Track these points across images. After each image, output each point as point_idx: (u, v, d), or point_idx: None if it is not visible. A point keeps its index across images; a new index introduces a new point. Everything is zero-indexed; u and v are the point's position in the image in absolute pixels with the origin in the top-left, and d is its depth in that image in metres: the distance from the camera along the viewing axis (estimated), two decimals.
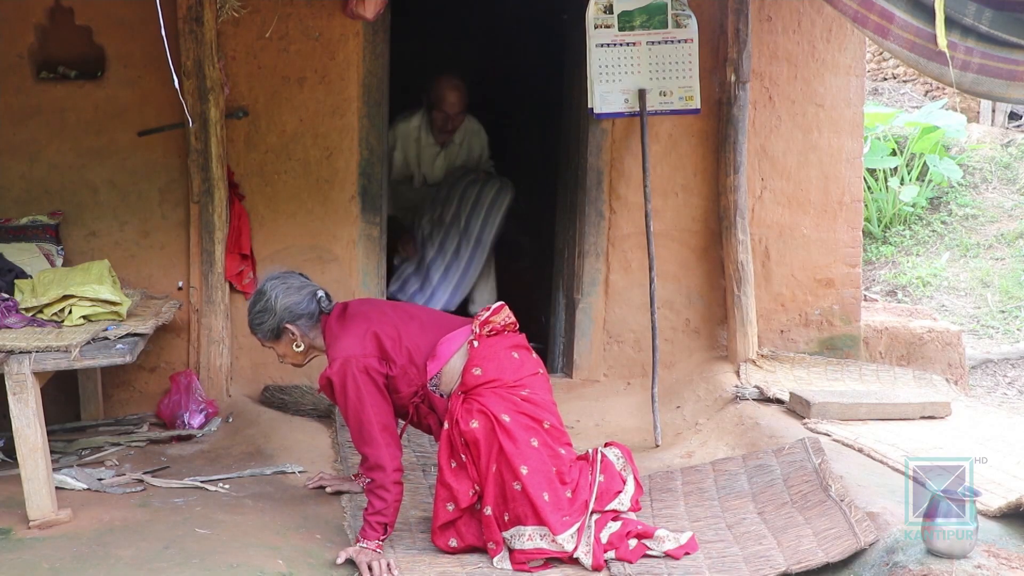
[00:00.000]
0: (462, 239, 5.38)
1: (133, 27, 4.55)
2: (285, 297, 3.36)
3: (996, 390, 6.35)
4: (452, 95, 5.47)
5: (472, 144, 5.71)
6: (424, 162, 5.66)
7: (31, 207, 4.56)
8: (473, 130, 5.72)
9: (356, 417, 3.25)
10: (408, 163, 5.66)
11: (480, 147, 5.74)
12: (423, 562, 3.22)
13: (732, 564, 3.18)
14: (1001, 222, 8.08)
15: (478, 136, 5.72)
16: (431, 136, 5.60)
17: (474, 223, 5.38)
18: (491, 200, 5.41)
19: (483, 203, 5.40)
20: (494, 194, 5.43)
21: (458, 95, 5.46)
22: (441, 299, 5.32)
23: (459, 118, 5.54)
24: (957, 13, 2.89)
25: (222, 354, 4.69)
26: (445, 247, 5.40)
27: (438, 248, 5.41)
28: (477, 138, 5.71)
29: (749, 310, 4.97)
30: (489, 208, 5.39)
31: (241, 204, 4.73)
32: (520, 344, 3.47)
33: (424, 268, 5.41)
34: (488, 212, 5.39)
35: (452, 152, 5.68)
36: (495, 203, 5.41)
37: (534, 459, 3.23)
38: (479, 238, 5.37)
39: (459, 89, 5.47)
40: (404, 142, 5.59)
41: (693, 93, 4.74)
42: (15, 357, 3.28)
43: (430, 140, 5.61)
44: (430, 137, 5.61)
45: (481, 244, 5.39)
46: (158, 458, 4.03)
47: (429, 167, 5.68)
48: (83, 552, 3.04)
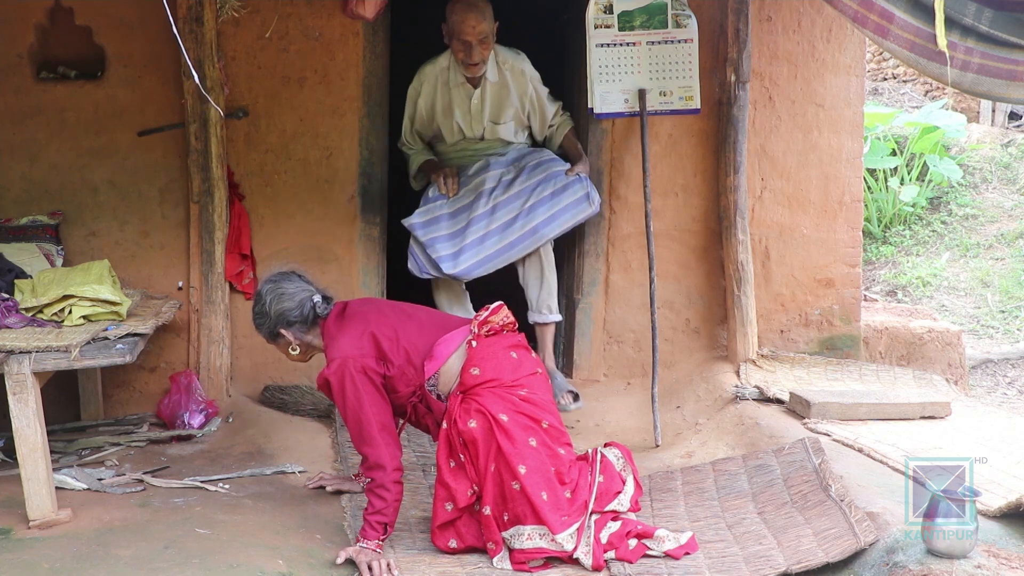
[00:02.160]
0: (518, 217, 4.61)
1: (133, 27, 4.55)
2: (278, 303, 3.38)
3: (996, 390, 6.35)
4: (470, 17, 4.51)
5: (517, 83, 4.72)
6: (458, 108, 4.73)
7: (31, 207, 4.56)
8: (513, 65, 4.72)
9: (355, 417, 3.25)
10: (436, 112, 4.76)
11: (530, 86, 4.76)
12: (423, 562, 3.22)
13: (732, 564, 3.18)
14: (1001, 222, 8.08)
15: (522, 73, 4.72)
16: (460, 74, 4.68)
17: (540, 212, 4.61)
18: (569, 203, 4.65)
19: (560, 201, 4.64)
20: (575, 200, 4.66)
21: (477, 16, 4.52)
22: (464, 264, 4.57)
23: (484, 46, 4.57)
24: (957, 13, 2.89)
25: (222, 354, 4.69)
26: (496, 214, 4.62)
27: (490, 210, 4.62)
28: (521, 75, 4.72)
29: (749, 310, 4.97)
30: (563, 210, 4.64)
31: (241, 204, 4.73)
32: (519, 344, 3.47)
33: (464, 219, 4.62)
34: (560, 213, 4.64)
35: (491, 94, 4.71)
36: (571, 210, 4.66)
37: (532, 459, 3.23)
38: (536, 228, 4.61)
39: (477, 8, 4.53)
40: (430, 86, 4.73)
41: (693, 93, 4.73)
42: (15, 357, 3.28)
43: (459, 79, 4.68)
44: (459, 76, 4.68)
45: (535, 236, 4.63)
46: (158, 458, 4.03)
47: (464, 113, 4.73)
48: (83, 552, 3.04)
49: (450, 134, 4.77)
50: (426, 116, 4.76)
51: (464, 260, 4.54)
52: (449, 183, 4.67)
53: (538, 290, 4.74)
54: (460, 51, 4.55)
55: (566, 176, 4.65)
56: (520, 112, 4.74)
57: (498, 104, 4.71)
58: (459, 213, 4.64)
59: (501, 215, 4.60)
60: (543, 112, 4.81)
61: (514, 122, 4.78)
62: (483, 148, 4.79)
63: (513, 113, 4.74)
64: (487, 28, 4.53)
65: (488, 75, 4.64)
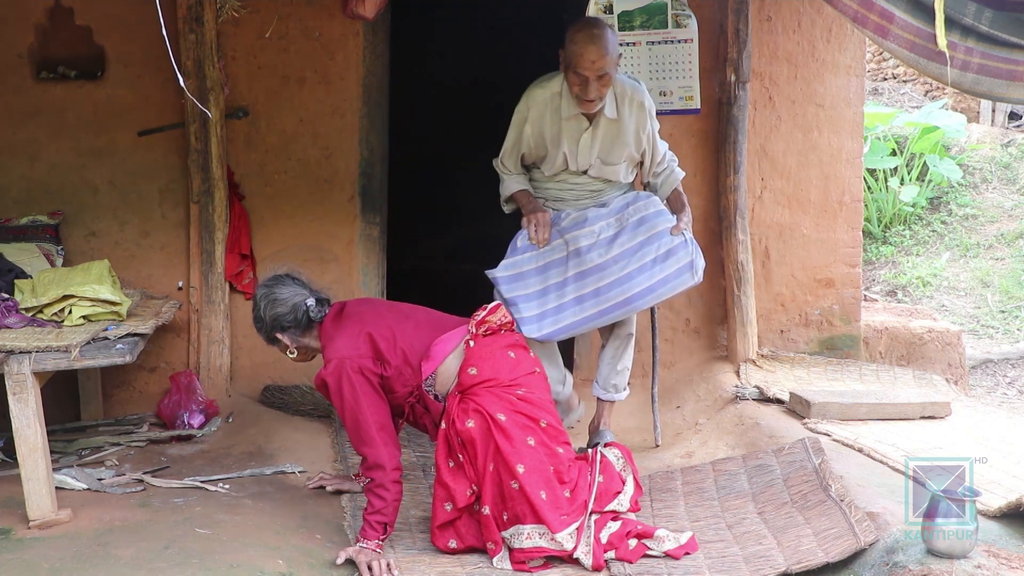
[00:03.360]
0: (614, 284, 3.95)
1: (133, 27, 4.55)
2: (271, 309, 3.40)
3: (996, 390, 6.36)
4: (591, 50, 3.84)
5: (636, 118, 4.07)
6: (567, 140, 4.06)
7: (31, 207, 4.56)
8: (632, 98, 4.04)
9: (353, 418, 3.25)
10: (544, 140, 4.10)
11: (648, 122, 4.11)
12: (423, 562, 3.22)
13: (732, 564, 3.18)
14: (1001, 222, 8.08)
15: (641, 106, 4.06)
16: (574, 106, 4.01)
17: (639, 281, 3.94)
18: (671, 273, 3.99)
19: (663, 270, 3.97)
20: (677, 269, 3.99)
21: (599, 49, 3.84)
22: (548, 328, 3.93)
23: (603, 83, 3.91)
24: (957, 13, 2.88)
25: (222, 354, 4.69)
26: (590, 278, 3.97)
27: (584, 272, 3.97)
28: (640, 109, 4.06)
29: (749, 310, 4.98)
30: (663, 281, 3.97)
31: (241, 204, 4.73)
32: (517, 343, 3.47)
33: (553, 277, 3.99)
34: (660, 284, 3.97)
35: (606, 131, 4.06)
36: (671, 281, 4.00)
37: (531, 458, 3.23)
38: (631, 300, 3.95)
39: (601, 41, 3.86)
40: (538, 111, 4.06)
41: (693, 93, 4.74)
42: (15, 357, 3.28)
43: (572, 110, 4.01)
44: (572, 107, 4.01)
45: (629, 307, 3.98)
46: (158, 458, 4.03)
47: (572, 147, 4.07)
48: (83, 552, 3.04)
49: (551, 165, 4.14)
50: (533, 144, 4.12)
51: (548, 324, 3.95)
52: (540, 232, 4.04)
53: (611, 368, 4.26)
54: (576, 85, 3.92)
55: (671, 236, 4.01)
56: (634, 152, 4.13)
57: (611, 143, 4.07)
58: (548, 269, 4.00)
59: (594, 279, 3.96)
60: (655, 154, 4.19)
61: (626, 163, 4.15)
62: (584, 184, 4.16)
63: (626, 153, 4.11)
64: (609, 63, 3.86)
65: (606, 111, 4.00)
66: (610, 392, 4.25)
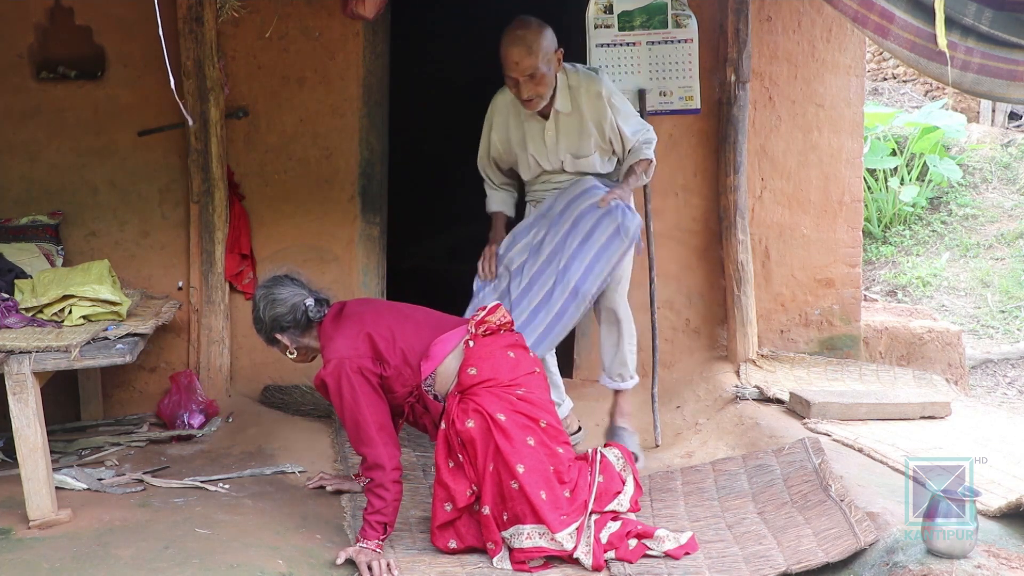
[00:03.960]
0: (556, 283, 3.96)
1: (133, 27, 4.55)
2: (270, 309, 3.40)
3: (996, 390, 6.36)
4: (513, 51, 3.86)
5: (593, 109, 4.01)
6: (531, 142, 4.10)
7: (31, 207, 4.56)
8: (588, 88, 4.00)
9: (352, 418, 3.25)
10: (511, 145, 4.16)
11: (608, 110, 4.02)
12: (423, 562, 3.22)
13: (732, 564, 3.18)
14: (1001, 222, 8.08)
15: (597, 96, 3.99)
16: None
17: (574, 268, 3.91)
18: (599, 247, 3.93)
19: (591, 247, 3.93)
20: (605, 240, 3.93)
21: (522, 50, 3.85)
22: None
23: (536, 82, 3.90)
24: (957, 13, 2.88)
25: (222, 354, 4.69)
26: (533, 289, 4.00)
27: (527, 286, 4.01)
28: (596, 99, 4.00)
29: (749, 310, 4.98)
30: (595, 258, 3.93)
31: (241, 204, 4.73)
32: (516, 343, 3.47)
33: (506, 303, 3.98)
34: (593, 263, 3.93)
35: (565, 125, 4.05)
36: (603, 254, 3.94)
37: (530, 458, 3.23)
38: (576, 289, 3.91)
39: (523, 41, 3.86)
40: (501, 117, 4.14)
41: (693, 93, 4.74)
42: (15, 357, 3.28)
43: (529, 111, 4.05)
44: None
45: (579, 297, 3.93)
46: (158, 458, 4.03)
47: (539, 147, 4.10)
48: (83, 552, 3.04)
49: (527, 169, 4.18)
50: (501, 148, 4.20)
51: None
52: (487, 267, 4.12)
53: (611, 356, 4.24)
54: (511, 87, 3.96)
55: (597, 209, 3.96)
56: (600, 141, 4.08)
57: (575, 136, 4.05)
58: (502, 298, 4.01)
59: (538, 288, 3.97)
60: (624, 140, 4.10)
61: (598, 152, 4.11)
62: (567, 180, 4.16)
63: (594, 143, 4.07)
64: (535, 63, 3.85)
65: (558, 105, 4.00)
66: (616, 380, 4.27)
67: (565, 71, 4.00)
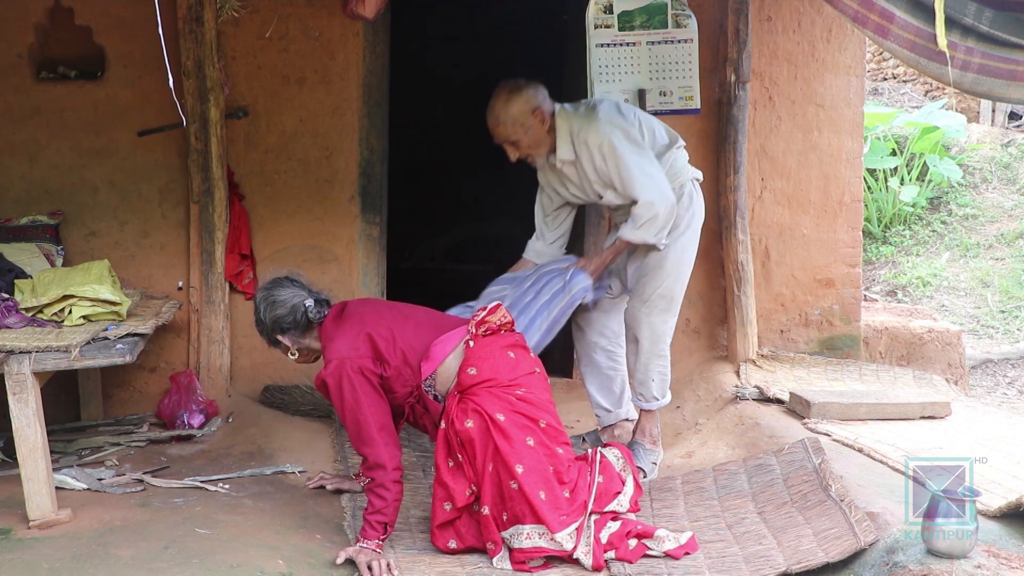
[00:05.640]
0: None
1: (133, 27, 4.55)
2: (271, 311, 3.41)
3: (996, 390, 6.36)
4: (488, 120, 3.89)
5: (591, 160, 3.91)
6: (559, 186, 4.12)
7: (31, 207, 4.56)
8: (586, 139, 3.89)
9: (353, 418, 3.25)
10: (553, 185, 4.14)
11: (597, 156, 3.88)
12: (423, 562, 3.22)
13: (732, 564, 3.18)
14: (1001, 222, 8.08)
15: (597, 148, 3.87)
16: None
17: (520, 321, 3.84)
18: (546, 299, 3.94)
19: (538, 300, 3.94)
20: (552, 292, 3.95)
21: (492, 120, 3.87)
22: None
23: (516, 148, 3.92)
24: (957, 13, 2.88)
25: (222, 354, 4.69)
26: None
27: None
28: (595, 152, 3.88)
29: (749, 310, 4.98)
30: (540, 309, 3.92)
31: (241, 204, 4.73)
32: (516, 343, 3.47)
33: None
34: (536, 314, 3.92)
35: (572, 174, 4.01)
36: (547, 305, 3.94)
37: (530, 458, 3.23)
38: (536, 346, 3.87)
39: (492, 112, 3.86)
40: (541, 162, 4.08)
41: (693, 93, 4.74)
42: (15, 357, 3.28)
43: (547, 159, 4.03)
44: None
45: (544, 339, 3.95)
46: (158, 458, 4.03)
47: (569, 188, 4.09)
48: (83, 552, 3.04)
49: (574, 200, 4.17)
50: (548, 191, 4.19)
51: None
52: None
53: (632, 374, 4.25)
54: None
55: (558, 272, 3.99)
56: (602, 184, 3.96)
57: (581, 180, 4.00)
58: None
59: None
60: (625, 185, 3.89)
61: (608, 190, 3.99)
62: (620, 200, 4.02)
63: (603, 187, 3.98)
64: (505, 132, 3.85)
65: (562, 154, 3.93)
66: (638, 400, 4.22)
67: (567, 116, 3.91)
